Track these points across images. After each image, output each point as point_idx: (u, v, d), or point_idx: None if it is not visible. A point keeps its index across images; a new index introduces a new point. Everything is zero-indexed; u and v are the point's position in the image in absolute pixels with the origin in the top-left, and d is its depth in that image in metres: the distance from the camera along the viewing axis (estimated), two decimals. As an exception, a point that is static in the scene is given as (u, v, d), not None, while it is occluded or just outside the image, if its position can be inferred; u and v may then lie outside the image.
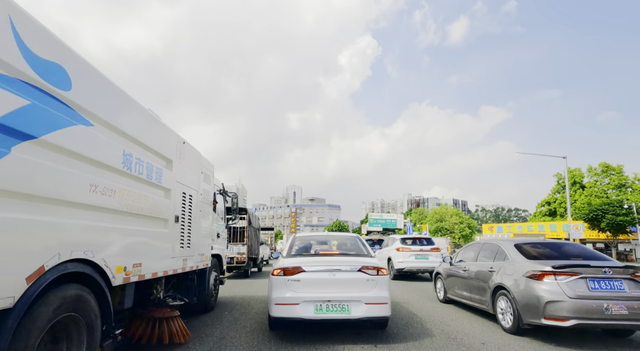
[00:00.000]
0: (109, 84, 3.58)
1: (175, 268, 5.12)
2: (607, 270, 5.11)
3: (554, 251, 6.02)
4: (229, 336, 5.26)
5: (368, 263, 5.18)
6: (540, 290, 5.15)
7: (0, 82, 2.26)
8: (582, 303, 4.88)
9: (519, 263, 5.79)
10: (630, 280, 5.11)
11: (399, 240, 14.70)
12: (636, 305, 4.87)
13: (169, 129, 5.03)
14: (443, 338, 5.27)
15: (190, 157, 5.83)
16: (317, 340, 5.06)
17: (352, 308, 4.86)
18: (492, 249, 6.83)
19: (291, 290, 4.95)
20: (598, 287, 5.02)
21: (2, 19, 2.27)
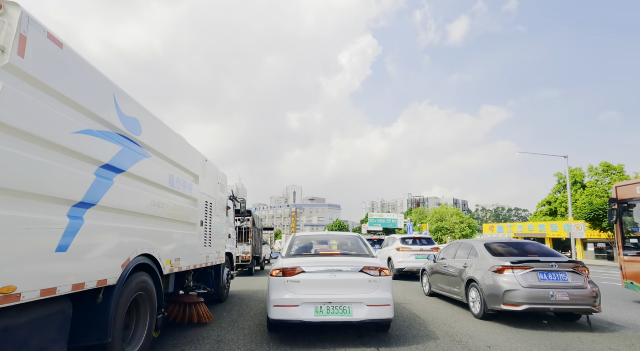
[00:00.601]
0: (161, 124, 4.83)
1: (201, 263, 6.38)
2: (554, 265, 6.25)
3: (516, 249, 7.16)
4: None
5: (370, 264, 5.01)
6: (501, 282, 6.26)
7: (107, 137, 3.48)
8: (533, 291, 5.99)
9: (487, 259, 6.90)
10: (572, 273, 6.24)
11: (400, 240, 14.67)
12: (576, 292, 6.00)
13: (196, 151, 6.27)
14: (447, 340, 5.11)
15: (211, 172, 7.08)
16: (318, 343, 4.90)
17: (353, 311, 4.69)
18: (467, 248, 7.96)
19: (291, 292, 4.77)
20: (546, 278, 6.17)
21: (109, 96, 3.62)
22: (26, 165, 2.54)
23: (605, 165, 51.35)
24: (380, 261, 5.36)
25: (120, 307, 3.61)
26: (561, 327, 6.02)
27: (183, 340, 5.09)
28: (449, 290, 8.14)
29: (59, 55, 2.94)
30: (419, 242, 14.59)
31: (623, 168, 50.01)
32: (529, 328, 5.90)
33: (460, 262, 7.86)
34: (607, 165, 51.12)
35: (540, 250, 7.12)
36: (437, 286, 8.92)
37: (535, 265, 6.27)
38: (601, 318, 6.83)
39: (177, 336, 5.25)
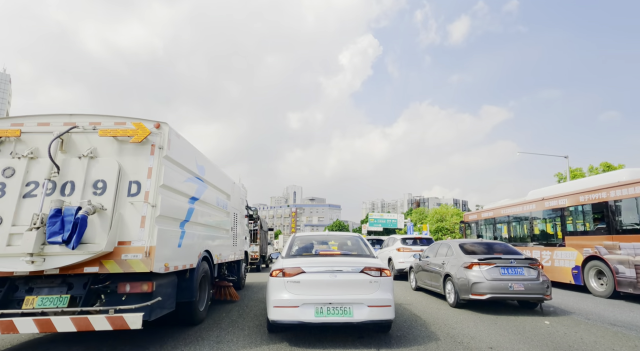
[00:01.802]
0: (212, 164, 7.22)
1: (231, 258, 8.81)
2: (513, 261, 7.51)
3: (485, 248, 8.25)
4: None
5: (371, 264, 4.96)
6: (470, 275, 7.44)
7: (192, 181, 5.86)
8: (495, 283, 7.21)
9: (460, 257, 8.03)
10: (528, 268, 7.48)
11: (400, 240, 14.74)
12: (530, 284, 7.23)
13: (228, 176, 8.71)
14: (449, 341, 5.06)
15: (236, 190, 9.60)
16: (318, 343, 4.86)
17: (354, 311, 4.64)
18: (445, 247, 9.11)
19: (290, 292, 4.73)
20: (506, 273, 7.39)
21: (194, 156, 6.00)
22: (171, 203, 5.05)
23: (605, 165, 51.22)
24: (381, 261, 5.31)
25: (197, 281, 5.96)
26: (563, 328, 5.98)
27: (182, 340, 5.05)
28: (431, 284, 9.30)
29: (180, 142, 5.42)
30: (419, 242, 14.65)
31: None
32: (531, 329, 5.87)
33: (439, 259, 8.95)
34: (607, 165, 50.96)
35: (505, 249, 8.20)
36: (422, 281, 10.06)
37: (497, 261, 7.47)
38: (603, 319, 6.80)
39: (177, 337, 5.21)
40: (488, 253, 7.88)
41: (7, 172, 4.52)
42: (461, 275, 7.61)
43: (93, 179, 4.57)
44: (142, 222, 4.53)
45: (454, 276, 7.82)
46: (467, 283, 7.40)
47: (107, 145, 4.78)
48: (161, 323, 6.06)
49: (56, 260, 4.20)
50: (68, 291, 4.49)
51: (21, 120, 4.84)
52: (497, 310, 7.51)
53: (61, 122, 4.81)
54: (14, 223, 4.30)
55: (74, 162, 4.64)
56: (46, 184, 4.46)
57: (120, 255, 4.37)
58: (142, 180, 4.68)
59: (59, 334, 5.11)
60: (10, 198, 4.41)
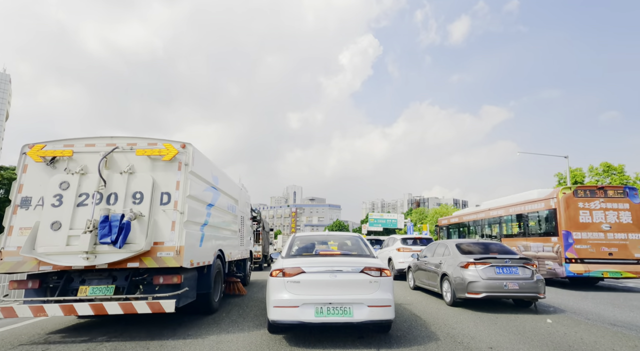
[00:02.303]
0: (224, 174, 8.27)
1: (239, 256, 9.86)
2: (508, 260, 7.63)
3: (481, 248, 8.40)
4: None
5: (371, 264, 4.95)
6: (466, 275, 7.59)
7: (209, 190, 6.98)
8: (490, 282, 7.36)
9: (457, 257, 8.18)
10: (522, 267, 7.60)
11: (400, 240, 14.72)
12: (524, 283, 7.38)
13: (236, 183, 9.77)
14: (449, 341, 5.06)
15: (243, 194, 10.73)
16: (318, 343, 4.86)
17: (354, 311, 4.63)
18: (442, 247, 9.25)
19: (290, 292, 4.71)
20: (501, 272, 7.53)
21: (210, 168, 7.06)
22: (195, 210, 6.05)
23: (605, 165, 51.18)
24: (381, 261, 5.30)
25: (213, 275, 6.96)
26: (563, 328, 5.98)
27: (182, 340, 5.05)
28: (428, 283, 9.43)
29: (201, 158, 6.43)
30: (419, 242, 14.62)
31: (623, 168, 49.84)
32: (531, 329, 5.87)
33: (437, 259, 9.10)
34: (608, 165, 50.94)
35: (500, 249, 8.38)
36: (420, 281, 10.17)
37: (493, 261, 7.61)
38: (603, 319, 6.79)
39: (178, 337, 5.21)
40: (484, 253, 8.04)
41: (63, 185, 5.51)
42: (458, 275, 7.76)
43: (132, 191, 5.60)
44: (173, 226, 5.56)
45: (450, 276, 7.98)
46: (463, 282, 7.55)
47: (143, 163, 5.80)
48: (161, 323, 6.08)
49: (105, 257, 5.23)
50: (113, 282, 5.52)
51: (71, 142, 5.84)
52: (497, 310, 7.51)
53: (104, 143, 5.83)
54: (71, 227, 5.31)
55: (117, 177, 5.66)
56: (95, 195, 5.48)
57: (156, 253, 5.40)
58: (172, 191, 5.73)
59: (58, 338, 5.34)
60: (67, 207, 5.40)
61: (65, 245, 5.20)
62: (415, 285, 10.63)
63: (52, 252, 5.18)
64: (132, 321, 6.19)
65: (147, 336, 5.25)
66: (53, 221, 5.31)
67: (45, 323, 6.33)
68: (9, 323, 6.20)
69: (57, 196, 5.43)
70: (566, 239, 11.37)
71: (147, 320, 6.24)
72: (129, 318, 6.36)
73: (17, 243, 5.28)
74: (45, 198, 5.46)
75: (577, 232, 11.44)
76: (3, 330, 5.82)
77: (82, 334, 5.46)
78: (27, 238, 5.21)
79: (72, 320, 6.48)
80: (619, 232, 11.41)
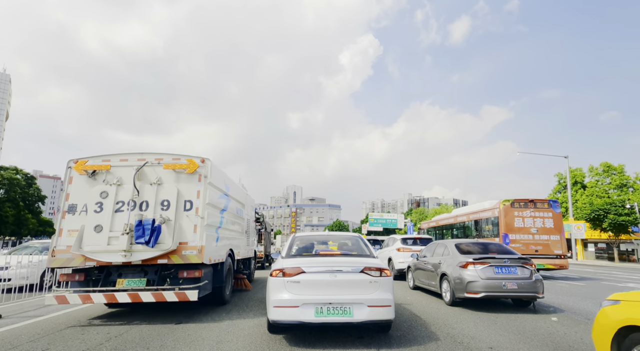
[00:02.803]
0: (233, 182, 9.27)
1: (245, 255, 10.86)
2: (507, 260, 7.66)
3: (480, 248, 8.39)
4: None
5: (371, 264, 4.93)
6: (465, 274, 7.61)
7: (223, 197, 7.94)
8: (489, 282, 7.38)
9: (456, 257, 8.20)
10: (521, 267, 7.63)
11: (400, 240, 14.66)
12: (523, 282, 7.40)
13: (243, 188, 11.25)
14: (449, 341, 5.06)
15: (249, 200, 11.91)
16: (318, 343, 4.85)
17: (354, 311, 4.61)
18: (442, 247, 9.27)
19: (290, 292, 4.70)
20: (500, 272, 7.54)
21: (223, 177, 8.08)
22: (212, 215, 6.99)
23: (605, 165, 51.21)
24: (381, 261, 5.29)
25: (225, 271, 7.88)
26: (563, 328, 5.99)
27: (182, 340, 5.04)
28: (428, 283, 9.47)
29: (216, 170, 7.33)
30: (419, 242, 14.54)
31: (623, 169, 49.87)
32: (531, 329, 5.87)
33: (436, 259, 9.14)
34: (608, 165, 50.97)
35: (499, 249, 8.39)
36: (419, 281, 10.20)
37: (492, 260, 7.64)
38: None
39: (178, 337, 5.21)
40: (483, 253, 8.05)
41: (103, 194, 6.53)
42: (457, 274, 7.78)
43: (161, 199, 6.58)
44: (195, 229, 6.55)
45: (450, 276, 8.00)
46: (462, 282, 7.57)
47: (169, 175, 6.79)
48: (163, 323, 6.08)
49: (139, 254, 6.24)
50: (145, 276, 6.54)
51: (108, 157, 6.83)
52: (497, 310, 7.51)
53: (135, 158, 6.83)
54: (111, 230, 6.31)
55: (147, 187, 6.65)
56: (130, 203, 6.49)
57: (181, 252, 6.39)
58: (194, 199, 6.70)
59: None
60: (107, 213, 6.40)
61: (107, 245, 6.25)
62: (415, 284, 10.66)
63: (96, 250, 6.21)
64: (139, 317, 6.21)
65: (147, 336, 5.25)
66: (96, 224, 6.36)
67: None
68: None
69: (98, 203, 6.49)
70: (504, 240, 14.63)
71: (146, 322, 6.26)
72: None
73: (66, 243, 6.31)
74: (88, 205, 6.50)
75: (513, 234, 14.74)
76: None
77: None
78: (76, 238, 6.22)
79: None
80: (543, 234, 14.80)
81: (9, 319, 6.56)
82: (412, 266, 10.91)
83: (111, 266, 6.48)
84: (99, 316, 6.75)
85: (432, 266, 9.19)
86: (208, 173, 6.89)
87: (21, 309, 7.59)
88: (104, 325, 6.06)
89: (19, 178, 59.05)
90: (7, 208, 55.86)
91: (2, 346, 4.89)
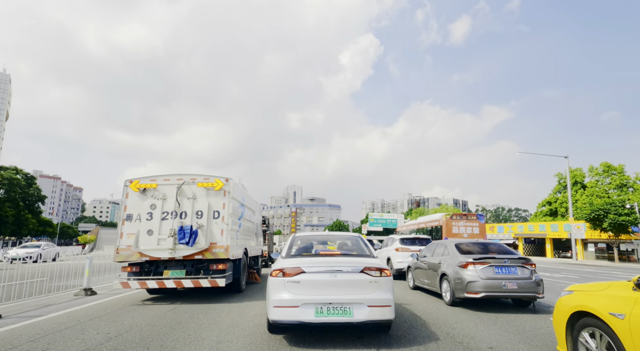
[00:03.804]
0: (247, 194, 11.60)
1: (255, 254, 12.52)
2: (507, 260, 7.63)
3: (480, 248, 8.41)
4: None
5: (371, 264, 4.92)
6: (465, 275, 7.60)
7: (241, 207, 10.16)
8: (489, 282, 7.36)
9: (456, 257, 8.19)
10: (521, 267, 7.62)
11: (398, 240, 14.72)
12: (523, 282, 7.38)
13: (254, 198, 12.50)
14: (449, 341, 5.05)
15: (257, 205, 13.93)
16: (318, 343, 4.85)
17: (354, 311, 4.60)
18: (442, 247, 9.29)
19: (290, 292, 4.69)
20: (500, 272, 7.52)
21: (240, 193, 10.22)
22: (233, 221, 9.10)
23: (605, 165, 51.25)
24: (381, 261, 5.28)
25: (242, 266, 9.66)
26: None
27: (182, 340, 5.04)
28: (428, 283, 9.49)
29: (237, 186, 9.49)
30: (417, 242, 14.58)
31: (623, 169, 49.92)
32: (531, 329, 5.87)
33: (436, 258, 9.14)
34: (608, 165, 51.01)
35: (499, 249, 8.37)
36: (419, 281, 10.22)
37: (491, 260, 7.62)
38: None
39: (177, 338, 5.21)
40: (483, 253, 8.05)
41: (152, 206, 8.51)
42: (457, 274, 7.77)
43: (196, 210, 8.54)
44: (222, 232, 8.53)
45: (450, 276, 7.99)
46: (462, 282, 7.56)
47: (201, 191, 8.71)
48: (163, 323, 6.07)
49: (181, 252, 8.25)
50: (184, 268, 8.55)
51: (155, 177, 8.75)
52: (497, 310, 7.50)
53: (175, 178, 8.73)
54: (159, 233, 8.34)
55: (185, 201, 8.59)
56: (173, 213, 8.46)
57: (212, 249, 8.40)
58: (220, 210, 8.67)
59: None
60: (156, 221, 8.42)
61: (157, 245, 8.25)
62: (415, 284, 10.67)
63: (149, 248, 8.23)
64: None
65: (147, 335, 5.25)
66: (148, 229, 8.33)
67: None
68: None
69: (149, 213, 8.44)
70: None
71: (145, 323, 6.26)
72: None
73: (126, 243, 8.34)
74: (141, 215, 8.45)
75: (451, 238, 19.31)
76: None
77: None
78: (134, 240, 8.22)
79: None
80: (471, 238, 19.37)
81: (9, 319, 6.58)
82: (412, 266, 10.95)
83: (159, 260, 8.41)
84: (98, 317, 6.75)
85: (432, 266, 9.18)
86: (230, 189, 8.83)
87: (21, 309, 7.60)
88: (104, 325, 6.07)
89: (19, 178, 59.07)
90: (7, 208, 55.87)
91: (2, 346, 4.89)
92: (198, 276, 8.21)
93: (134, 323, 6.11)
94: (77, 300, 8.66)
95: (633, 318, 2.90)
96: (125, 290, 9.89)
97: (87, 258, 10.00)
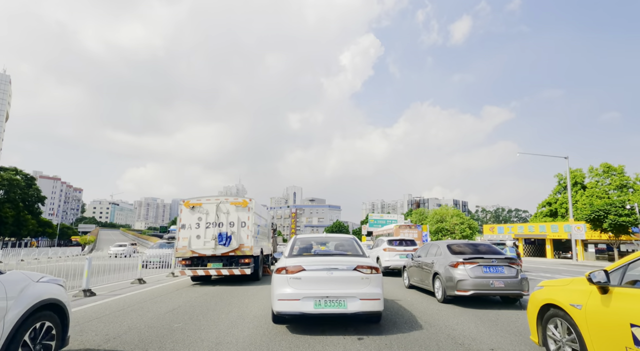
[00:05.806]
0: (262, 207, 15.87)
1: (266, 253, 15.71)
2: (494, 260, 8.08)
3: (470, 248, 8.76)
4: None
5: (363, 263, 5.47)
6: (455, 273, 8.01)
7: (257, 217, 13.41)
8: (477, 280, 7.78)
9: (447, 257, 8.57)
10: (508, 266, 8.07)
11: (386, 241, 16.25)
12: (509, 281, 7.84)
13: (263, 207, 17.47)
14: (449, 342, 5.02)
15: (267, 213, 18.35)
16: (317, 344, 4.83)
17: (348, 304, 5.16)
18: (435, 247, 9.69)
19: (292, 287, 5.24)
20: (488, 271, 7.94)
21: (259, 209, 14.76)
22: (255, 229, 12.74)
23: (605, 165, 51.20)
24: (372, 260, 5.80)
25: (259, 261, 13.41)
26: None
27: (181, 341, 5.02)
28: (422, 281, 9.86)
29: (257, 203, 13.55)
30: (404, 243, 16.02)
31: (623, 169, 49.87)
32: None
33: (430, 258, 9.50)
34: (608, 166, 50.96)
35: (488, 249, 8.72)
36: (414, 280, 10.59)
37: (480, 260, 8.05)
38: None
39: (176, 339, 5.18)
40: (473, 254, 8.44)
41: (199, 219, 11.96)
42: (448, 273, 8.17)
43: (229, 221, 11.97)
44: (247, 237, 11.93)
45: (441, 274, 8.38)
46: (452, 280, 7.97)
47: (233, 207, 12.15)
48: (162, 324, 6.04)
49: (220, 250, 11.70)
50: (221, 262, 11.80)
51: (200, 198, 12.20)
52: (498, 310, 7.47)
53: (214, 199, 12.22)
54: (205, 238, 11.79)
55: (222, 215, 12.01)
56: (214, 224, 11.90)
57: (241, 249, 11.79)
58: (246, 221, 12.08)
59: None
60: (202, 229, 11.88)
61: (203, 245, 11.72)
62: (410, 283, 10.96)
63: (198, 248, 11.69)
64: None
65: (147, 336, 5.23)
66: (197, 235, 11.82)
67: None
68: None
69: (197, 224, 11.92)
70: None
71: (144, 323, 6.24)
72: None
73: (182, 244, 11.76)
74: (191, 225, 11.92)
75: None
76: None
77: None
78: (187, 242, 11.70)
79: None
80: None
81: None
82: (407, 266, 11.29)
83: (205, 256, 11.75)
84: (97, 318, 6.73)
85: (426, 265, 9.53)
86: (253, 206, 12.35)
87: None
88: (103, 326, 6.05)
89: (18, 179, 59.05)
90: (7, 209, 55.84)
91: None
92: (232, 267, 11.76)
93: (133, 325, 6.07)
94: (77, 301, 8.61)
95: (588, 307, 3.47)
96: (125, 292, 10.25)
97: (86, 258, 9.98)
